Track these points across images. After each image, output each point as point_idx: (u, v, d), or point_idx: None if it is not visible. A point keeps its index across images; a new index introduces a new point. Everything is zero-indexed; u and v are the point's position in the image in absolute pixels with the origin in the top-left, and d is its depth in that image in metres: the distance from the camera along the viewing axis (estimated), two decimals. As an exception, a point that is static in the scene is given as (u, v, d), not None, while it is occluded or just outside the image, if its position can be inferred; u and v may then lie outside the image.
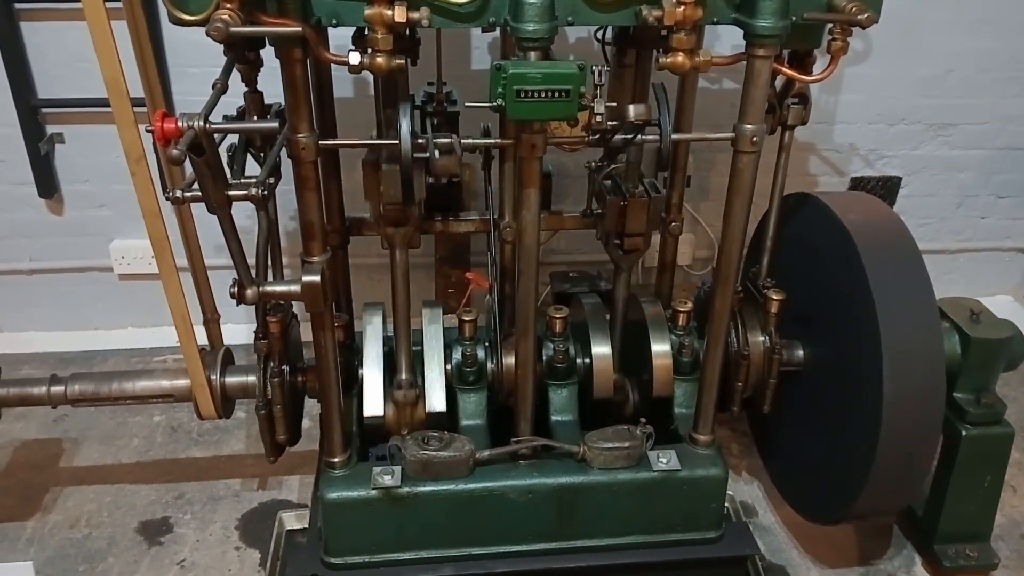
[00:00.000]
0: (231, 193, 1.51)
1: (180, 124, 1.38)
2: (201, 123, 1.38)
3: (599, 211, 2.04)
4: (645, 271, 3.11)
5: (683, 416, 2.09)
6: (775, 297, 2.06)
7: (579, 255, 3.04)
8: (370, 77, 2.60)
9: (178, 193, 1.48)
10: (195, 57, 2.50)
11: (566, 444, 1.93)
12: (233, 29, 1.34)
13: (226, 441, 2.69)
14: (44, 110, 2.74)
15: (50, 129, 2.78)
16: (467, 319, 2.07)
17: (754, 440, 2.58)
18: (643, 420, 1.96)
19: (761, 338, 2.09)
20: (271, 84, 2.07)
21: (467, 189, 2.28)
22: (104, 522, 2.39)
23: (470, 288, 2.35)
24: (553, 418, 2.09)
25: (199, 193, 1.51)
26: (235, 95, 1.82)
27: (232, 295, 1.70)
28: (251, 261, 1.73)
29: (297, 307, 2.08)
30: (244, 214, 1.76)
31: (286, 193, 1.82)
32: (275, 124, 1.51)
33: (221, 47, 1.81)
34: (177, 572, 2.25)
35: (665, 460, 1.94)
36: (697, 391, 2.02)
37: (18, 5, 2.58)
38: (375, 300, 2.26)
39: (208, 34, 1.35)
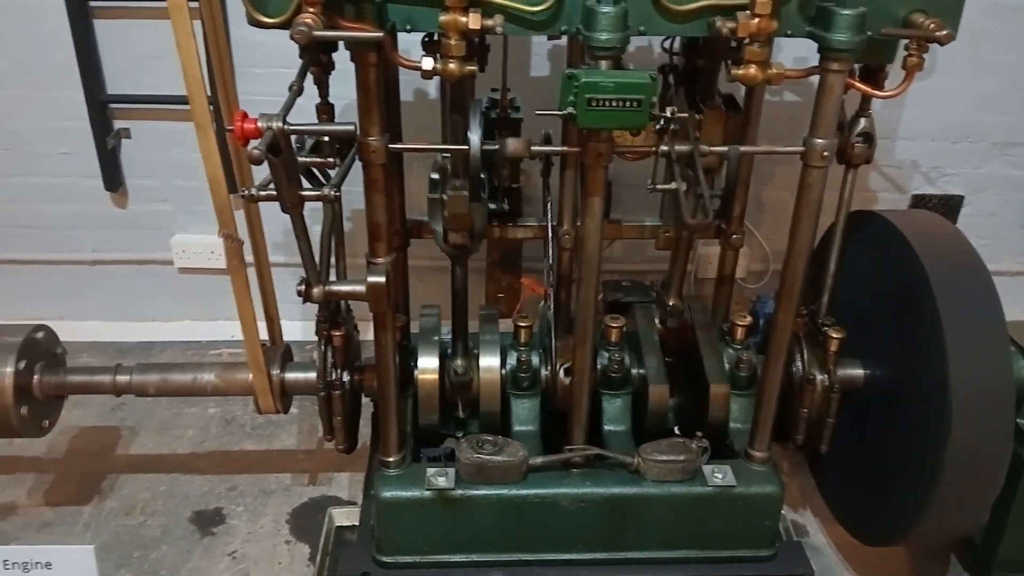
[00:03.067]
0: (304, 193, 1.54)
1: (260, 125, 1.40)
2: (280, 124, 1.41)
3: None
4: (699, 282, 3.09)
5: (738, 431, 2.07)
6: (835, 336, 2.03)
7: (632, 264, 3.03)
8: (430, 82, 2.68)
9: (252, 192, 1.51)
10: (260, 58, 2.55)
11: (620, 454, 1.93)
12: (316, 33, 1.37)
13: (278, 436, 2.73)
14: (112, 105, 2.82)
15: (117, 124, 2.85)
16: (523, 325, 2.08)
17: (806, 458, 2.54)
18: (699, 434, 1.94)
19: (820, 376, 2.05)
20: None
21: (524, 195, 2.29)
22: (159, 510, 2.44)
23: (524, 294, 2.35)
24: (606, 427, 2.08)
25: (273, 192, 1.53)
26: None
27: (299, 293, 1.73)
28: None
29: (356, 306, 2.12)
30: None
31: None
32: (351, 127, 1.53)
33: (285, 48, 1.85)
34: (228, 563, 2.29)
35: (720, 475, 1.93)
36: (754, 407, 2.00)
37: (92, 3, 2.65)
38: (429, 301, 2.29)
39: (292, 37, 1.37)
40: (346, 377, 2.02)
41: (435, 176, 1.93)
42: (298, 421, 2.78)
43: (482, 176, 1.95)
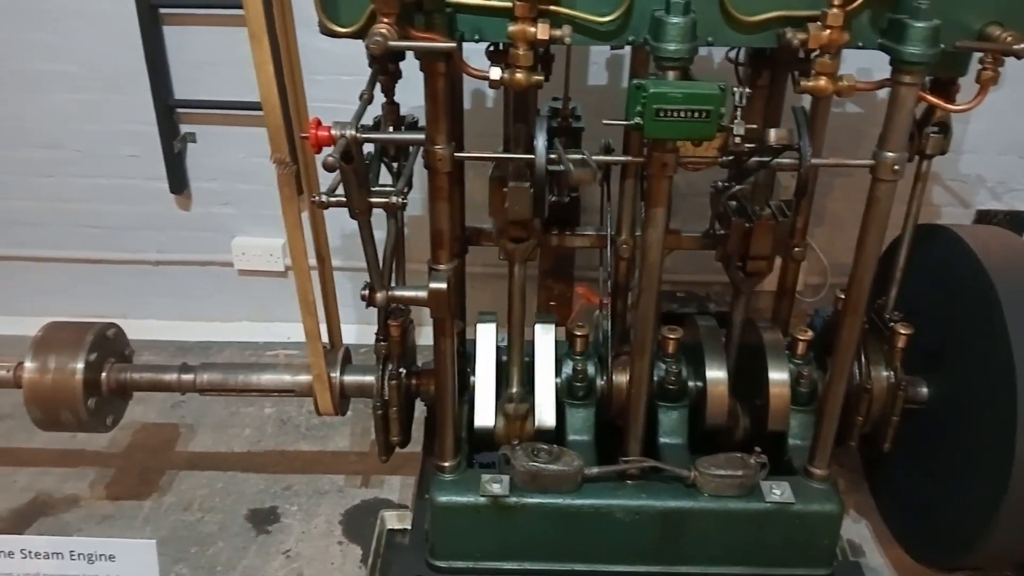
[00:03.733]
0: (372, 200, 1.56)
1: (333, 132, 1.43)
2: (353, 132, 1.43)
3: (721, 232, 2.02)
4: (755, 295, 3.05)
5: (797, 447, 2.04)
6: (903, 331, 1.99)
7: (687, 275, 3.00)
8: (491, 91, 2.70)
9: (323, 198, 1.53)
10: (322, 65, 2.58)
11: (676, 467, 1.91)
12: (391, 43, 1.39)
13: (331, 437, 2.77)
14: (179, 110, 2.89)
15: (184, 128, 2.92)
16: (579, 334, 2.07)
17: (865, 476, 2.50)
18: (758, 449, 1.92)
19: (885, 373, 2.02)
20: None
21: (581, 204, 2.29)
22: (215, 507, 2.49)
23: (580, 303, 2.35)
24: (661, 440, 2.06)
25: (342, 198, 1.56)
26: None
27: (362, 297, 1.75)
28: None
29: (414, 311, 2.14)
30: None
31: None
32: (421, 136, 1.55)
33: (346, 56, 1.90)
34: (282, 561, 2.32)
35: (779, 492, 1.90)
36: (815, 423, 1.97)
37: (163, 10, 2.73)
38: (484, 308, 2.30)
39: (368, 47, 1.39)
40: (403, 380, 2.04)
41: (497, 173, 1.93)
42: (351, 423, 2.81)
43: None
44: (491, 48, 1.86)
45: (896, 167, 1.66)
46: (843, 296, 1.88)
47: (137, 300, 3.19)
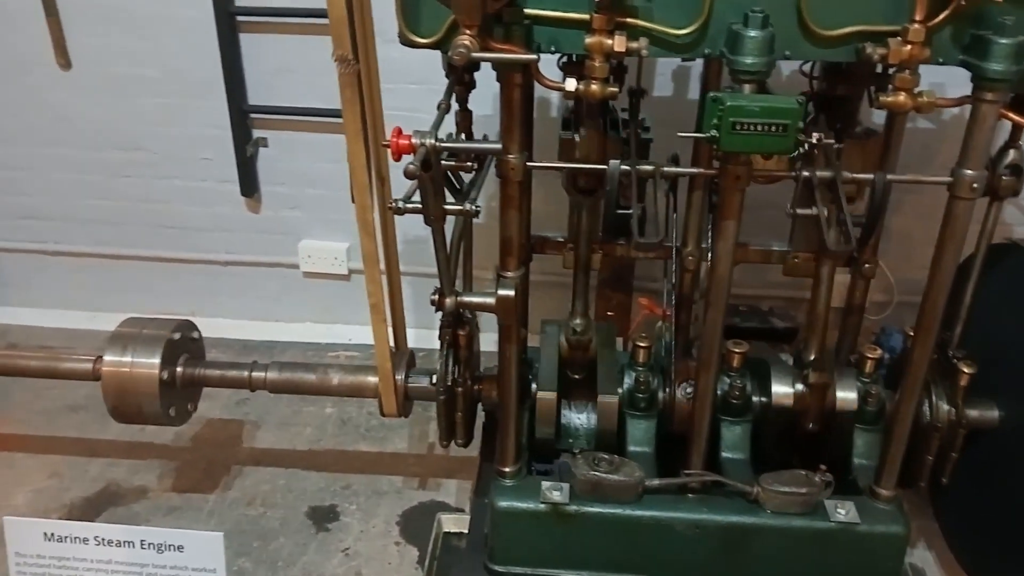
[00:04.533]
0: (447, 207, 1.59)
1: (414, 141, 1.46)
2: (432, 141, 1.47)
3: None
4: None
5: (862, 467, 2.01)
6: (966, 370, 1.95)
7: (749, 289, 2.98)
8: (554, 101, 2.72)
9: (400, 204, 1.57)
10: (390, 74, 2.64)
11: (739, 483, 1.90)
12: (474, 54, 1.42)
13: (390, 439, 2.81)
14: (253, 115, 2.97)
15: (256, 133, 3.01)
16: (642, 345, 2.07)
17: (930, 499, 2.44)
18: (823, 467, 1.89)
19: (947, 407, 1.98)
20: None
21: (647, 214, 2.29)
22: (278, 503, 2.55)
23: (642, 314, 2.35)
24: (723, 454, 2.05)
25: (418, 205, 1.59)
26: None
27: (432, 302, 1.78)
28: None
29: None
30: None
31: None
32: (498, 145, 1.57)
33: (414, 65, 1.94)
34: (341, 559, 2.37)
35: (844, 511, 1.87)
36: (881, 443, 1.93)
37: (240, 17, 2.82)
38: (546, 316, 2.32)
39: (451, 58, 1.42)
40: (467, 384, 2.07)
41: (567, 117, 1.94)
42: (409, 426, 2.85)
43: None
44: (564, 59, 1.88)
45: (975, 185, 1.63)
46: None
47: (206, 298, 3.28)
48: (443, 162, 1.62)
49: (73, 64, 2.93)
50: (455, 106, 1.95)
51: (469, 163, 1.78)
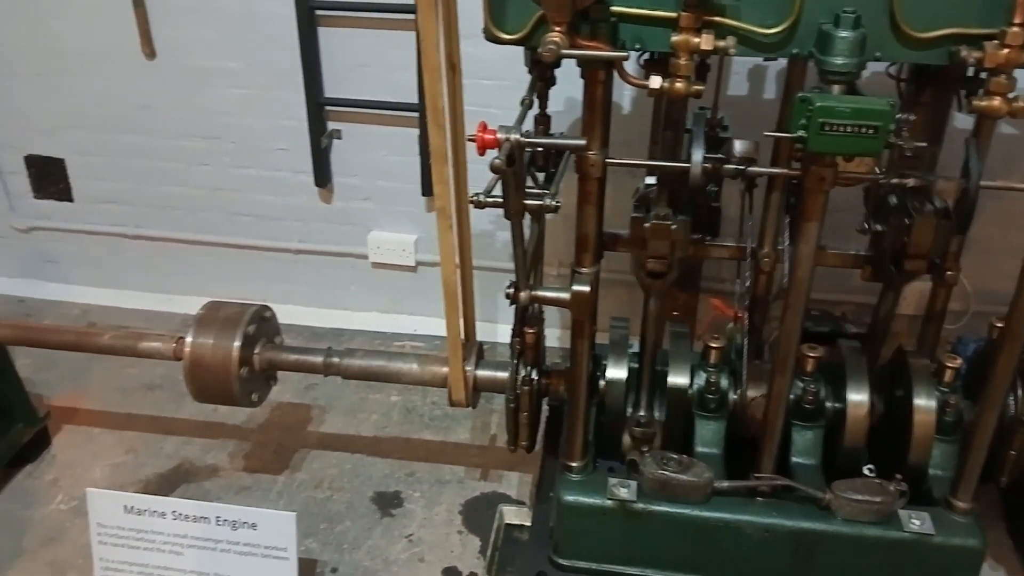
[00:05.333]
0: (528, 202, 1.61)
1: (499, 136, 1.48)
2: (517, 136, 1.48)
3: (878, 230, 1.96)
4: (899, 318, 2.94)
5: (938, 478, 1.97)
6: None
7: (821, 293, 2.93)
8: (627, 98, 2.71)
9: (481, 197, 1.59)
10: (465, 69, 2.67)
11: (811, 488, 1.88)
12: (564, 51, 1.43)
13: (453, 429, 2.85)
14: (328, 108, 3.03)
15: (331, 125, 3.06)
16: (714, 346, 2.06)
17: (1005, 515, 2.37)
18: (898, 476, 1.86)
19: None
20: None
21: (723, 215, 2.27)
22: (344, 487, 2.60)
23: (712, 314, 2.34)
24: (794, 459, 2.03)
25: (498, 199, 1.61)
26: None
27: (507, 296, 1.80)
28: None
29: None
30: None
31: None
32: (582, 141, 1.58)
33: (485, 60, 1.98)
34: (405, 545, 2.41)
35: (918, 522, 1.84)
36: (959, 453, 1.89)
37: (319, 12, 2.87)
38: (616, 312, 2.32)
39: (541, 55, 1.44)
40: (535, 378, 2.09)
41: (637, 205, 1.95)
42: (472, 417, 2.88)
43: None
44: (647, 57, 1.88)
45: (1073, 192, 1.59)
46: (1000, 324, 1.81)
47: (277, 285, 3.36)
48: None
49: (157, 54, 3.02)
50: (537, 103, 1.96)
51: (544, 161, 1.80)
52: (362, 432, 2.83)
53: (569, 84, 1.79)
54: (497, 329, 3.19)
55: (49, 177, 3.32)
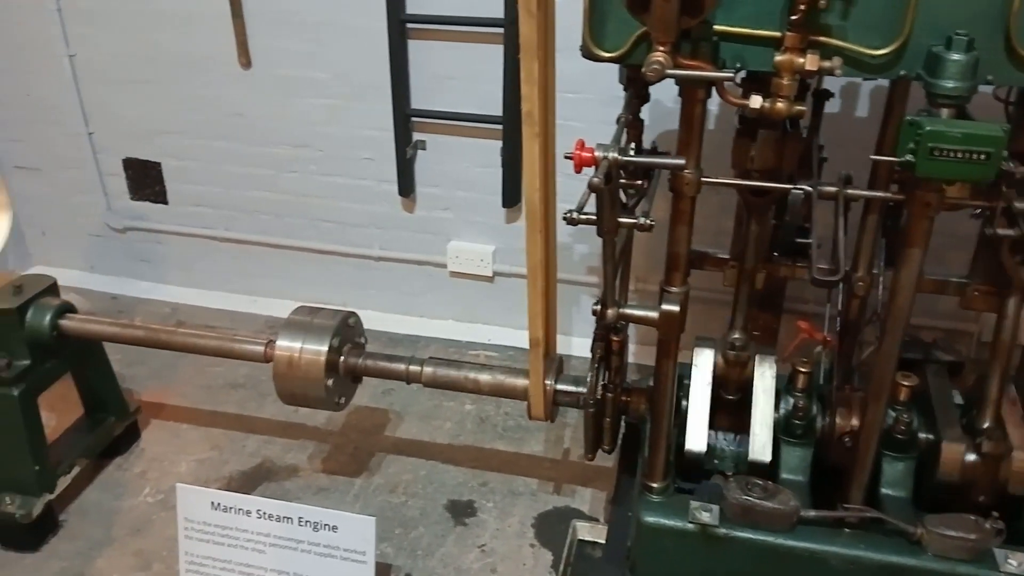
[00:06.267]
0: (622, 220, 1.61)
1: (596, 154, 1.48)
2: (615, 154, 1.48)
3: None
4: (981, 346, 2.84)
5: (1038, 517, 1.88)
6: None
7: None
8: (714, 115, 2.68)
9: (574, 214, 1.59)
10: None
11: (902, 522, 1.82)
12: (668, 71, 1.43)
13: (526, 441, 2.85)
14: (414, 119, 3.08)
15: (416, 136, 3.12)
16: (803, 370, 2.02)
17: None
18: (995, 513, 1.78)
19: None
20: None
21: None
22: (418, 493, 2.63)
23: (800, 337, 2.29)
24: (883, 491, 1.96)
25: (592, 216, 1.61)
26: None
27: (594, 312, 1.80)
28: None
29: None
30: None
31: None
32: (682, 160, 1.57)
33: (569, 76, 1.98)
34: (477, 555, 2.42)
35: (1016, 563, 1.75)
36: (1064, 494, 1.81)
37: (410, 25, 2.93)
38: (701, 333, 2.29)
39: (645, 75, 1.44)
40: (615, 396, 2.07)
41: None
42: (545, 429, 2.88)
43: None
44: (743, 74, 1.86)
45: None
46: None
47: (357, 291, 3.43)
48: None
49: (253, 64, 3.13)
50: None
51: (639, 181, 1.79)
52: (436, 439, 2.86)
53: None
54: (571, 342, 3.20)
55: (146, 180, 3.47)
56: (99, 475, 2.69)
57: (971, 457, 1.88)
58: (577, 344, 3.23)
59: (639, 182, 1.92)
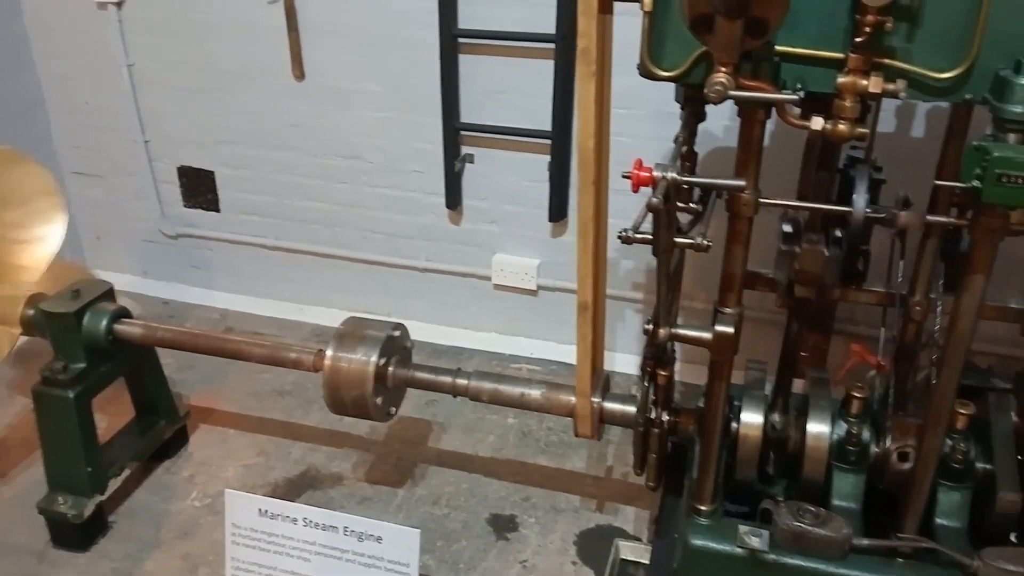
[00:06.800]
0: (679, 240, 1.60)
1: (655, 174, 1.48)
2: (674, 175, 1.48)
3: None
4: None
5: (1103, 554, 1.82)
6: None
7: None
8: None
9: (630, 233, 1.59)
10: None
11: (958, 553, 1.77)
12: (731, 92, 1.42)
13: (568, 456, 2.84)
14: (463, 132, 3.10)
15: (464, 150, 3.14)
16: (857, 395, 1.98)
17: None
18: (1057, 548, 1.73)
19: None
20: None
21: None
22: (460, 506, 2.63)
23: (853, 361, 2.25)
24: (938, 520, 1.92)
25: (647, 235, 1.60)
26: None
27: (645, 332, 1.79)
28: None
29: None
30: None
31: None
32: (742, 182, 1.56)
33: (623, 91, 1.95)
34: (519, 571, 2.41)
35: (1079, 600, 1.70)
36: None
37: (462, 40, 2.95)
38: (751, 356, 2.26)
39: (708, 96, 1.43)
40: (665, 416, 2.06)
41: (787, 228, 1.92)
42: (588, 446, 2.87)
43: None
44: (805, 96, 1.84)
45: None
46: None
47: (401, 301, 3.46)
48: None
49: (306, 76, 3.18)
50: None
51: (692, 204, 1.78)
52: (479, 452, 2.86)
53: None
54: (614, 358, 3.19)
55: (199, 188, 3.54)
56: (148, 478, 2.74)
57: (1029, 491, 1.83)
58: (620, 360, 3.22)
59: (692, 204, 1.91)
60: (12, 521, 2.56)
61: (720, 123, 2.64)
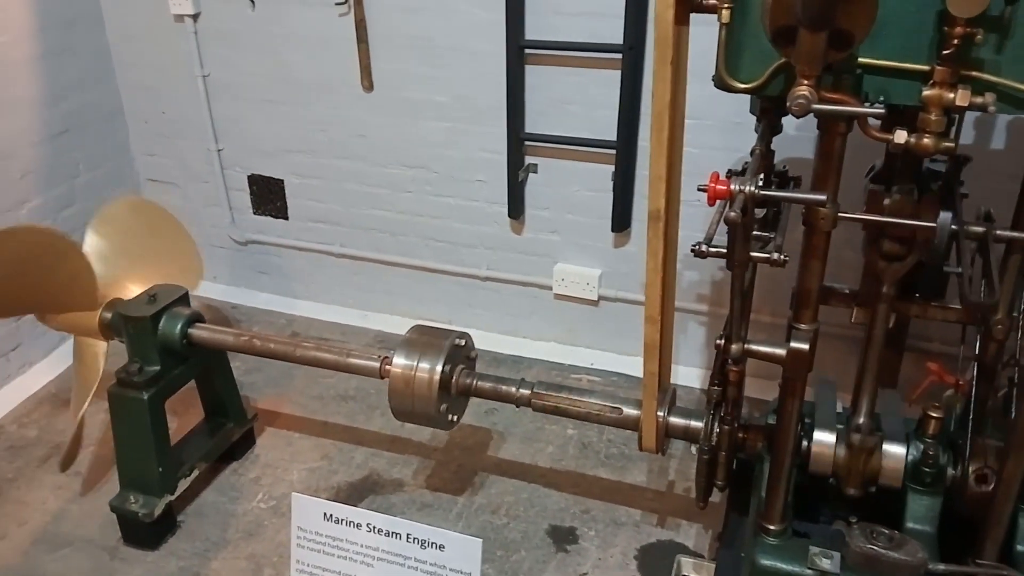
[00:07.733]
0: (754, 254, 1.58)
1: (732, 187, 1.46)
2: (752, 188, 1.46)
3: None
4: None
5: None
6: None
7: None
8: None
9: (703, 247, 1.57)
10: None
11: (1042, 583, 1.71)
12: (814, 106, 1.40)
13: (628, 470, 2.82)
14: (527, 143, 3.12)
15: (528, 160, 3.15)
16: (934, 415, 1.92)
17: None
18: None
19: None
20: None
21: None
22: (520, 516, 2.63)
23: (929, 379, 2.18)
24: (1019, 547, 1.85)
25: (721, 249, 1.59)
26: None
27: (717, 346, 1.77)
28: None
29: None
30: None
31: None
32: (823, 196, 1.53)
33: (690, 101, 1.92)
34: (579, 583, 2.40)
35: None
36: None
37: (528, 50, 2.97)
38: (825, 371, 2.21)
39: (791, 110, 1.41)
40: (734, 431, 2.03)
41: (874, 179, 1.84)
42: (649, 459, 2.84)
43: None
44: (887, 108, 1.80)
45: None
46: None
47: (463, 309, 3.48)
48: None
49: (375, 87, 3.23)
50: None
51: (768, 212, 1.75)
52: (538, 462, 2.86)
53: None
54: (678, 371, 3.15)
55: (268, 195, 3.62)
56: (216, 478, 2.80)
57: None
58: (683, 373, 3.19)
59: (763, 213, 1.88)
60: (88, 516, 2.65)
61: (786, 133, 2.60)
